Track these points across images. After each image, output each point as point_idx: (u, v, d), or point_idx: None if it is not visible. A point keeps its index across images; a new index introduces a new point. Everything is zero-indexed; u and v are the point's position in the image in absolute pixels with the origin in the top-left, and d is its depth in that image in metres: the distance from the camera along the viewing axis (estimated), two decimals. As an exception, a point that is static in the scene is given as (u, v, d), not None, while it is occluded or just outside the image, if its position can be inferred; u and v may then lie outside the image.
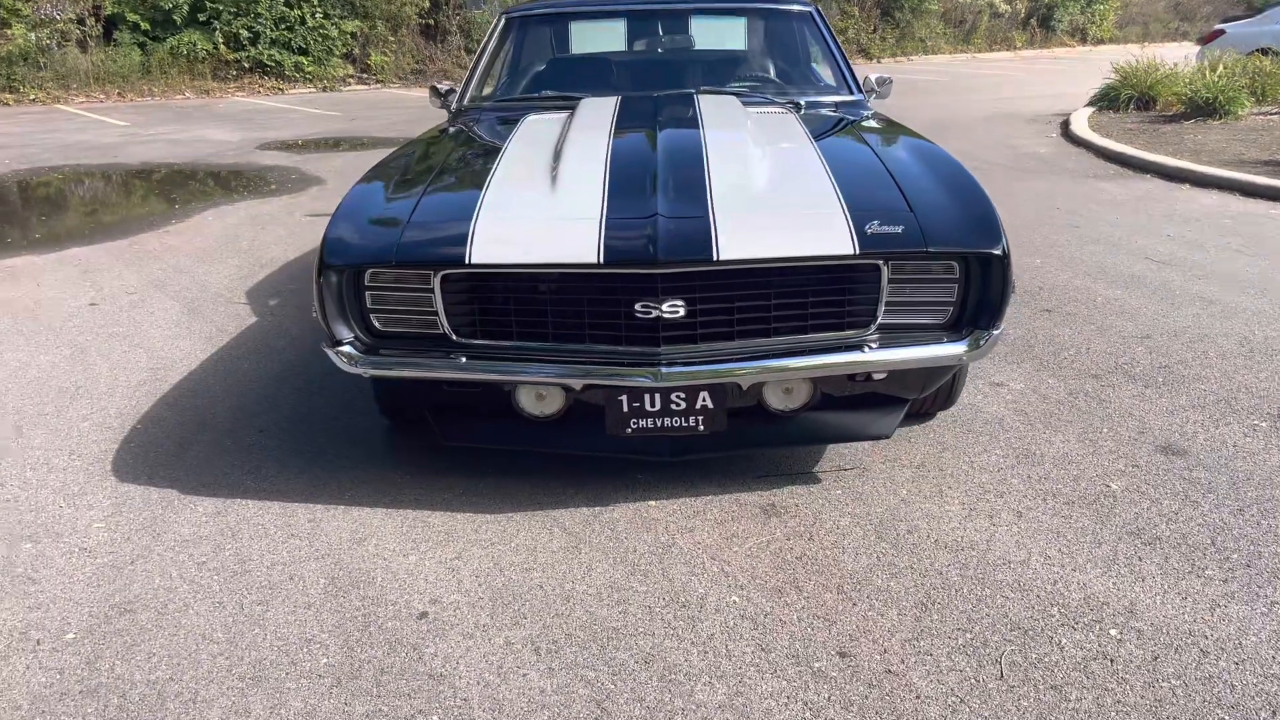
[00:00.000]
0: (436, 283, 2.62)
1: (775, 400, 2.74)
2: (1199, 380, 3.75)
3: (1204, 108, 10.98)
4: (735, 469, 3.05)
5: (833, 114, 3.88)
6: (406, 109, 15.27)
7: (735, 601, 2.41)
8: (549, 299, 2.61)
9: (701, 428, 2.69)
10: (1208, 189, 7.55)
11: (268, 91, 18.38)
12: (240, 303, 5.03)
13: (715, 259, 2.47)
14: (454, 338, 2.67)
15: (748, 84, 4.22)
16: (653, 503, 2.89)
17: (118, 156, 10.41)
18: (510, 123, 3.76)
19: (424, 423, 3.18)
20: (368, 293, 2.69)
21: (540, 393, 2.74)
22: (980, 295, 2.66)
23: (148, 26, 17.63)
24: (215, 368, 4.09)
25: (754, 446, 3.01)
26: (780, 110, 3.82)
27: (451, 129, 3.86)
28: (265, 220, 7.06)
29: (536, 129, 3.55)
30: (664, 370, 2.54)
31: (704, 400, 2.65)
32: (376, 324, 2.73)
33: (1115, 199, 7.30)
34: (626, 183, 2.84)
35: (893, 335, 2.68)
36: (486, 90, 4.25)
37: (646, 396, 2.64)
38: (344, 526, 2.80)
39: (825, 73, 4.27)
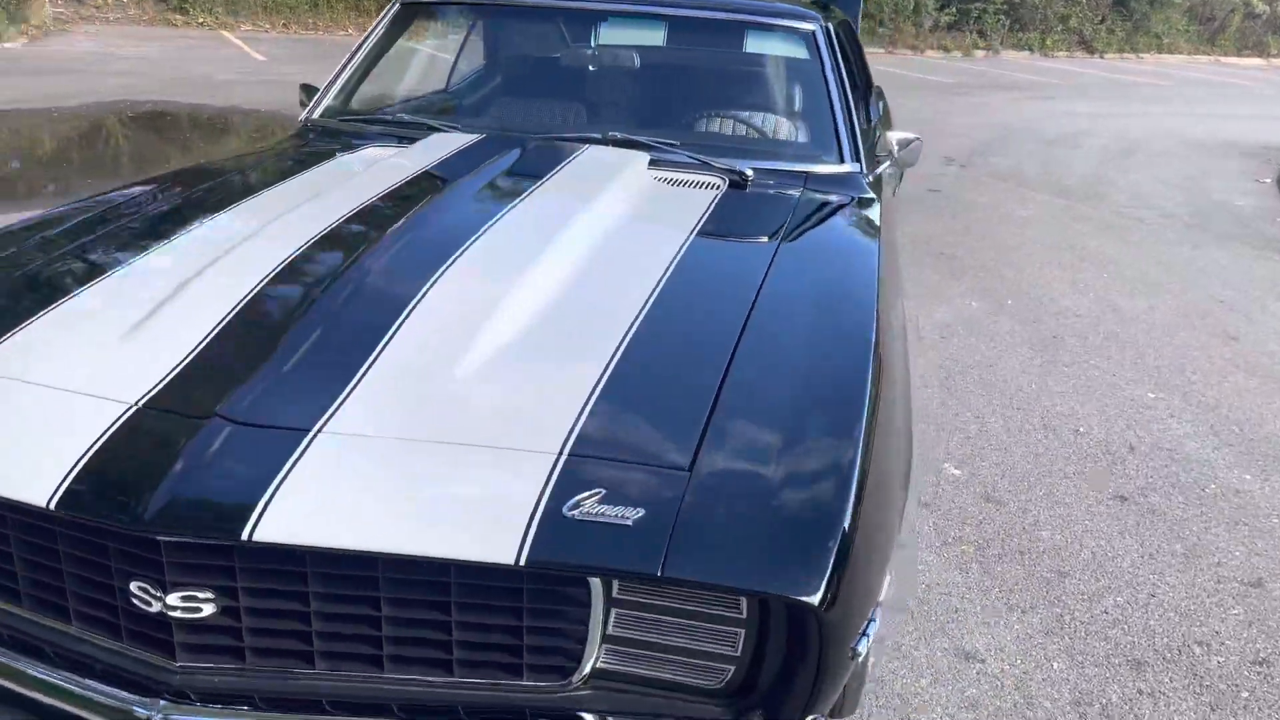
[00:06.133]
0: None
1: None
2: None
3: None
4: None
5: (790, 200, 2.58)
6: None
7: None
8: (10, 539, 1.52)
9: None
10: None
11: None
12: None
13: (242, 537, 1.33)
14: None
15: (691, 134, 2.95)
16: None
17: (213, 97, 9.93)
18: (317, 160, 2.68)
19: None
20: None
21: None
22: (783, 660, 1.41)
23: (322, -44, 17.38)
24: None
25: None
26: (696, 189, 2.56)
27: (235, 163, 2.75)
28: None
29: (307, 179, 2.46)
30: (163, 704, 1.43)
31: None
32: None
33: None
34: (257, 325, 1.73)
35: (627, 694, 1.47)
36: (351, 99, 3.16)
37: None
38: None
39: (811, 125, 2.94)
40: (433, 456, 1.46)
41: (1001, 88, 15.37)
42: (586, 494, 1.38)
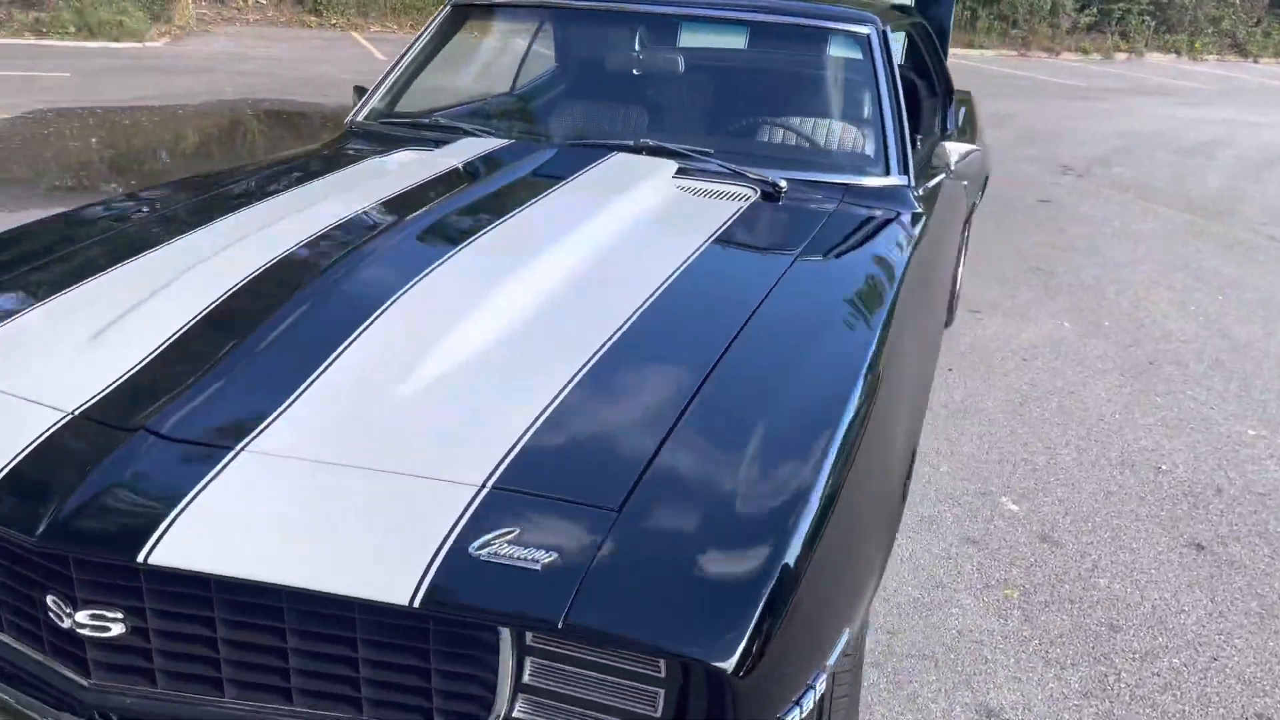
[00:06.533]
0: None
1: None
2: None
3: None
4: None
5: (822, 214, 2.43)
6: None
7: None
8: None
9: None
10: None
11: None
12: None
13: (139, 559, 1.29)
14: None
15: (728, 142, 2.82)
16: None
17: (327, 97, 10.23)
18: (349, 162, 2.67)
19: None
20: None
21: None
22: None
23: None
24: None
25: None
26: (721, 199, 2.43)
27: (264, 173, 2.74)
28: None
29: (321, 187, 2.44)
30: None
31: None
32: None
33: None
34: (216, 333, 1.70)
35: None
36: (397, 102, 3.16)
37: None
38: None
39: (857, 135, 2.77)
40: (350, 483, 1.39)
41: (1139, 92, 14.58)
42: (497, 533, 1.30)
